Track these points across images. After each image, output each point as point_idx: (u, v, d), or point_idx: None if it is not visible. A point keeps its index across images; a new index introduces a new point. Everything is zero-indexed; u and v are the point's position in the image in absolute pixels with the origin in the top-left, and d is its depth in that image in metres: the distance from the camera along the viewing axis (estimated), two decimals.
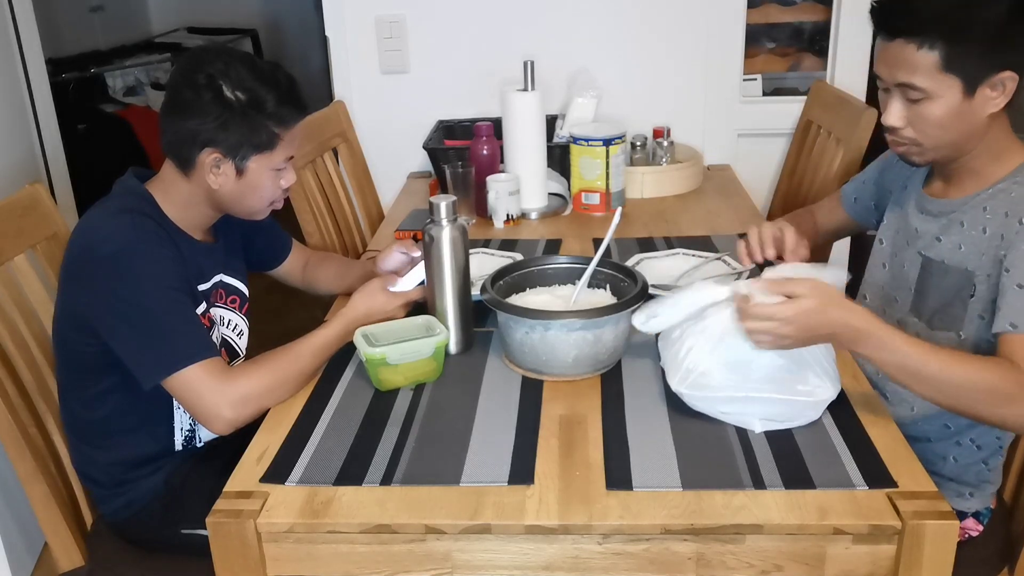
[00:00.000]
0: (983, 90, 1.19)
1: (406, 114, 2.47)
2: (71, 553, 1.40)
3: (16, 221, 1.46)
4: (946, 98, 1.19)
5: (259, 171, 1.36)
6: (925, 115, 1.22)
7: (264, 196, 1.40)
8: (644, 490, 1.07)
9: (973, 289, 1.25)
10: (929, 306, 1.33)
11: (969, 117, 1.21)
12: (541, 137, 2.04)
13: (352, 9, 2.41)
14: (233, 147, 1.32)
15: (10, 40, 2.32)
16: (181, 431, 1.42)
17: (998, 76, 1.17)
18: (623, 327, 1.32)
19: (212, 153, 1.32)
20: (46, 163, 2.45)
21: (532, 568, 1.07)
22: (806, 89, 2.37)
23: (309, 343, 1.35)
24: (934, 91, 1.19)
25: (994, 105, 1.20)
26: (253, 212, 1.43)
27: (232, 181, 1.35)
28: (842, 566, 1.04)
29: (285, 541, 1.07)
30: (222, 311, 1.49)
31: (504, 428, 1.21)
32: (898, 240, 1.42)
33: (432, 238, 1.37)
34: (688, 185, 2.25)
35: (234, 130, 1.31)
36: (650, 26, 2.39)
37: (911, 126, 1.24)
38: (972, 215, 1.26)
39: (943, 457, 1.36)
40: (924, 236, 1.34)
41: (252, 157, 1.34)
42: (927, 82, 1.19)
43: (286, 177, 1.42)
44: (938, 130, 1.23)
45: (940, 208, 1.32)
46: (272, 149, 1.35)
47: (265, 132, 1.33)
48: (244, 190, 1.37)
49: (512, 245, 1.87)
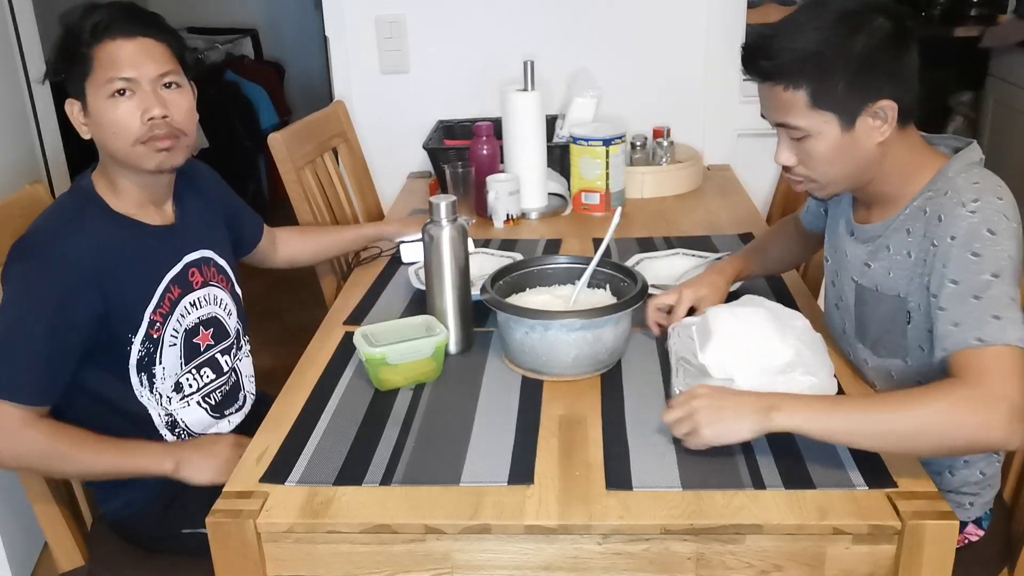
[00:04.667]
0: (864, 120, 1.16)
1: (406, 114, 2.47)
2: (71, 553, 1.40)
3: (16, 221, 1.45)
4: (825, 133, 1.18)
5: (95, 101, 1.28)
6: (811, 152, 1.20)
7: (119, 131, 1.28)
8: (644, 490, 1.07)
9: (909, 317, 1.23)
10: (871, 334, 1.30)
11: (856, 148, 1.19)
12: (541, 137, 2.04)
13: (352, 9, 2.41)
14: (72, 85, 1.29)
15: (10, 40, 2.32)
16: (160, 416, 1.39)
17: (876, 105, 1.15)
18: (623, 327, 1.32)
19: (67, 103, 1.30)
20: (46, 163, 2.44)
21: (532, 568, 1.07)
22: None
23: (116, 451, 1.30)
24: (812, 128, 1.18)
25: (880, 134, 1.17)
26: (128, 157, 1.30)
27: (91, 123, 1.30)
28: (842, 566, 1.04)
29: (285, 541, 1.07)
30: (208, 290, 1.45)
31: (504, 428, 1.21)
32: (835, 262, 1.39)
33: (432, 238, 1.38)
34: (688, 185, 2.25)
35: (65, 66, 1.28)
36: (650, 26, 2.39)
37: (802, 164, 1.23)
38: (896, 239, 1.23)
39: (938, 473, 1.33)
40: (854, 261, 1.32)
41: (85, 89, 1.28)
42: (802, 121, 1.18)
43: (142, 105, 1.28)
44: (827, 165, 1.21)
45: (866, 234, 1.29)
46: (92, 70, 1.26)
47: (79, 54, 1.27)
48: (99, 131, 1.30)
49: (512, 245, 1.87)
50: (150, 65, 1.29)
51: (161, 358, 1.37)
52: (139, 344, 1.33)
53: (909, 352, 1.25)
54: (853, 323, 1.34)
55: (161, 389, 1.38)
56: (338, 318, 1.58)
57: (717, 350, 1.21)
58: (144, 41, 1.29)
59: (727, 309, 1.32)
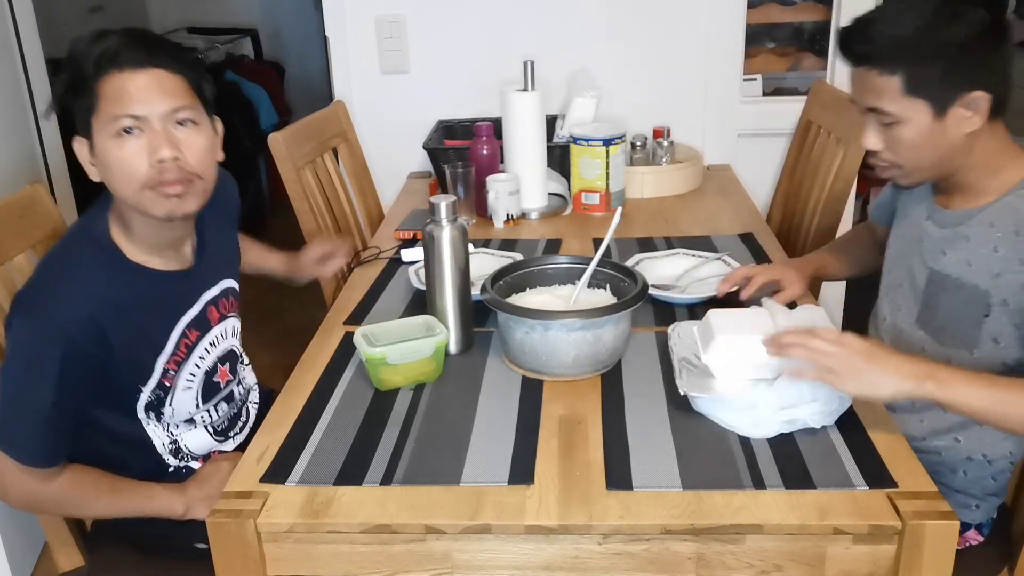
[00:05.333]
0: (955, 110, 1.18)
1: (406, 114, 2.47)
2: (71, 553, 1.40)
3: (16, 221, 1.46)
4: (916, 121, 1.19)
5: (101, 140, 1.16)
6: (899, 138, 1.22)
7: (125, 174, 1.16)
8: (644, 490, 1.07)
9: (988, 310, 1.23)
10: (937, 321, 1.31)
11: (944, 138, 1.20)
12: (541, 137, 2.04)
13: (352, 9, 2.41)
14: (79, 121, 1.17)
15: (10, 40, 2.32)
16: (163, 445, 1.35)
17: (968, 96, 1.17)
18: (623, 327, 1.32)
19: (75, 141, 1.19)
20: (46, 163, 2.45)
21: (532, 568, 1.07)
22: (806, 89, 2.37)
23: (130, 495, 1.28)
24: (902, 115, 1.19)
25: (970, 124, 1.19)
26: (137, 202, 1.18)
27: (96, 164, 1.19)
28: (842, 566, 1.04)
29: (285, 541, 1.07)
30: (225, 324, 1.40)
31: (504, 428, 1.21)
32: (902, 246, 1.40)
33: (432, 238, 1.37)
34: (688, 185, 2.25)
35: (70, 99, 1.16)
36: (650, 26, 2.39)
37: (889, 150, 1.24)
38: (979, 231, 1.24)
39: (953, 470, 1.34)
40: (928, 245, 1.32)
41: (92, 126, 1.16)
42: (894, 107, 1.19)
43: (151, 145, 1.15)
44: (913, 152, 1.22)
45: (946, 219, 1.30)
46: (96, 106, 1.14)
47: (84, 87, 1.14)
48: (106, 174, 1.18)
49: (512, 245, 1.87)
50: (161, 100, 1.16)
51: (171, 401, 1.32)
52: (148, 392, 1.29)
53: (979, 344, 1.25)
54: (916, 309, 1.34)
55: (169, 422, 1.35)
56: (338, 318, 1.58)
57: (719, 350, 1.21)
58: (156, 73, 1.16)
59: (728, 310, 1.32)
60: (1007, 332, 1.22)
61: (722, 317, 1.27)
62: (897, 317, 1.39)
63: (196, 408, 1.37)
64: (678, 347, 1.32)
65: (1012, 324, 1.22)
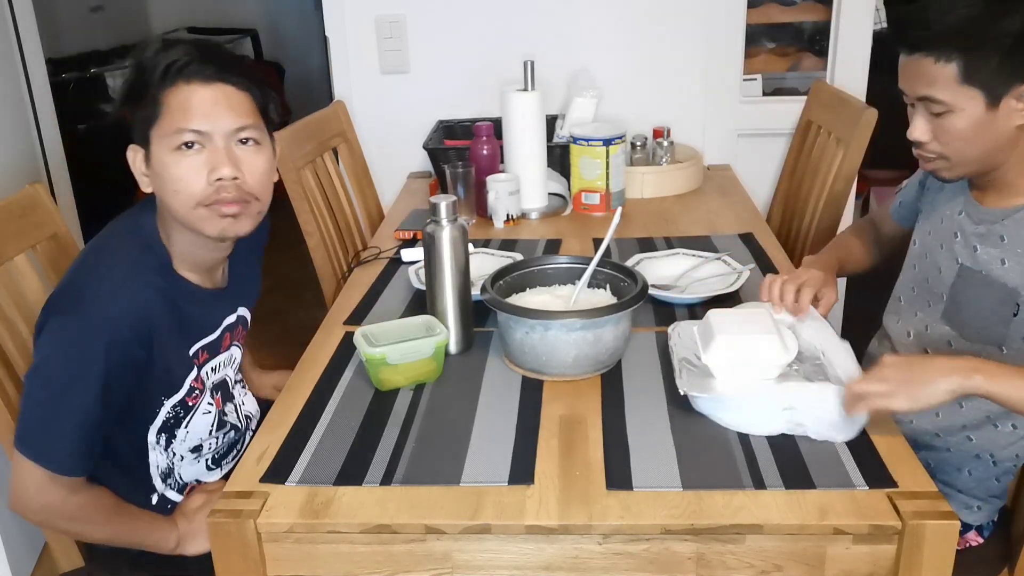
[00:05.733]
0: (1008, 102, 1.17)
1: (406, 114, 2.47)
2: (71, 553, 1.40)
3: (16, 221, 1.46)
4: (968, 111, 1.18)
5: (159, 151, 1.14)
6: (948, 128, 1.20)
7: (180, 189, 1.15)
8: (644, 490, 1.07)
9: (1017, 308, 1.23)
10: (964, 317, 1.30)
11: (995, 129, 1.19)
12: (541, 137, 2.04)
13: (352, 9, 2.41)
14: (137, 130, 1.16)
15: (10, 40, 2.32)
16: (157, 468, 1.32)
17: (1021, 87, 1.16)
18: (623, 327, 1.32)
19: (130, 149, 1.18)
20: (46, 163, 2.45)
21: (532, 568, 1.07)
22: (806, 89, 2.37)
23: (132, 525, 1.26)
24: (955, 104, 1.18)
25: (1021, 117, 1.18)
26: (188, 219, 1.18)
27: (151, 176, 1.18)
28: (842, 566, 1.04)
29: (285, 541, 1.07)
30: (232, 351, 1.40)
31: (504, 428, 1.21)
32: (931, 241, 1.39)
33: (432, 238, 1.37)
34: (688, 185, 2.24)
35: (131, 107, 1.15)
36: (650, 26, 2.39)
37: (936, 140, 1.23)
38: (1015, 230, 1.23)
39: (958, 469, 1.34)
40: (961, 241, 1.31)
41: (151, 135, 1.15)
42: (947, 95, 1.18)
43: (211, 162, 1.15)
44: (963, 143, 1.21)
45: (981, 215, 1.29)
46: (159, 116, 1.13)
47: (149, 97, 1.13)
48: (160, 186, 1.17)
49: (512, 245, 1.87)
50: (227, 117, 1.14)
51: (189, 423, 1.31)
52: (169, 407, 1.27)
53: (1008, 342, 1.25)
54: (942, 304, 1.33)
55: (178, 449, 1.33)
56: (338, 318, 1.58)
57: (719, 350, 1.21)
58: (223, 88, 1.15)
59: (728, 310, 1.32)
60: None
61: (722, 317, 1.27)
62: (926, 312, 1.38)
63: (208, 435, 1.36)
64: (678, 347, 1.32)
65: None
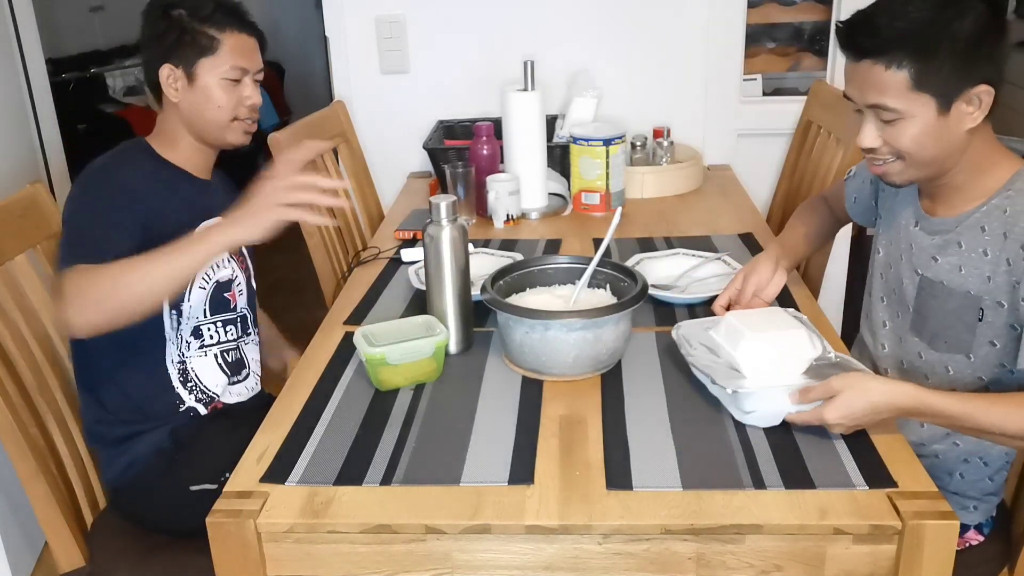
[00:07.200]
0: (958, 106, 1.16)
1: (406, 114, 2.47)
2: (71, 553, 1.40)
3: (16, 221, 1.46)
4: (920, 117, 1.17)
5: (208, 77, 1.46)
6: (900, 135, 1.19)
7: (222, 107, 1.47)
8: (644, 490, 1.07)
9: (980, 314, 1.23)
10: (930, 328, 1.30)
11: (946, 134, 1.18)
12: (541, 137, 2.04)
13: (352, 9, 2.41)
14: (181, 57, 1.45)
15: (10, 40, 2.32)
16: (173, 363, 1.47)
17: (973, 91, 1.15)
18: (623, 327, 1.32)
19: (166, 68, 1.45)
20: (46, 163, 2.45)
21: (532, 568, 1.07)
22: (806, 89, 2.37)
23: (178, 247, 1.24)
24: (907, 111, 1.17)
25: (971, 120, 1.17)
26: (220, 128, 1.49)
27: (187, 91, 1.46)
28: (842, 566, 1.04)
29: (285, 541, 1.07)
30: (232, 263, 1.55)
31: (504, 428, 1.21)
32: (892, 252, 1.39)
33: (432, 238, 1.37)
34: (688, 185, 2.25)
35: (178, 40, 1.44)
36: (650, 26, 2.39)
37: (887, 145, 1.22)
38: (970, 235, 1.23)
39: (950, 473, 1.34)
40: (919, 254, 1.31)
41: (198, 62, 1.45)
42: (899, 102, 1.16)
43: (248, 94, 1.50)
44: (915, 149, 1.20)
45: (935, 227, 1.29)
46: (215, 53, 1.45)
47: (205, 36, 1.45)
48: (199, 100, 1.46)
49: (512, 245, 1.87)
50: (256, 61, 1.54)
51: (189, 296, 1.48)
52: None
53: (974, 348, 1.25)
54: (910, 316, 1.34)
55: (183, 331, 1.47)
56: (338, 318, 1.58)
57: (752, 344, 1.20)
58: (253, 40, 1.53)
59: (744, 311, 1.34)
60: (1004, 333, 1.22)
61: (743, 317, 1.27)
62: (896, 323, 1.39)
63: (204, 316, 1.50)
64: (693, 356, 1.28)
65: (1008, 324, 1.21)
